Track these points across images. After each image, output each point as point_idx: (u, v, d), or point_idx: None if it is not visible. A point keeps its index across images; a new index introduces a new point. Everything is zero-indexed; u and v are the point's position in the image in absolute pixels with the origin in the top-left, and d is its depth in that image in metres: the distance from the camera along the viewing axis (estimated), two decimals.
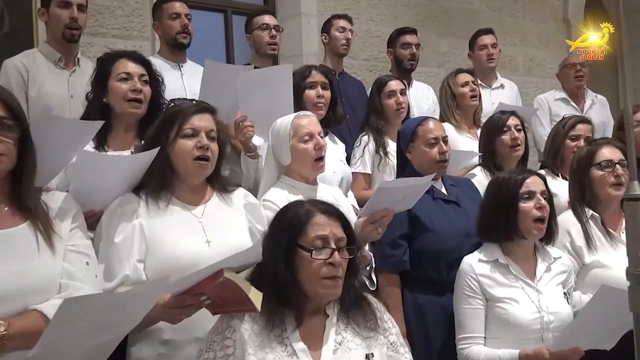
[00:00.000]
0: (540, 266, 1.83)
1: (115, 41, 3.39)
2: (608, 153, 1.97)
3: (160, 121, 1.56)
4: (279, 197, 1.84)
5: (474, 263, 1.82)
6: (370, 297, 1.46)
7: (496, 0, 5.29)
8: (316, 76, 2.33)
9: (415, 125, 2.11)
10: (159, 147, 1.48)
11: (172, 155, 1.51)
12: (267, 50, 2.76)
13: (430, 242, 1.98)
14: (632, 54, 6.55)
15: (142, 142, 1.67)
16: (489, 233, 1.85)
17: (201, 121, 1.53)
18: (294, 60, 4.04)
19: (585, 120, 2.50)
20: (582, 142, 2.38)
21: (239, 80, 2.07)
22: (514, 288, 1.78)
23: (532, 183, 1.80)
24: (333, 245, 1.33)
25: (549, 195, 1.83)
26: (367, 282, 1.97)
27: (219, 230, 1.54)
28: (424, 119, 2.13)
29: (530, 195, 1.78)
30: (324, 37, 3.17)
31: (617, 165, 1.94)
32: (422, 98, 3.25)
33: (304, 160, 1.87)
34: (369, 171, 2.59)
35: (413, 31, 3.28)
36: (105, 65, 1.87)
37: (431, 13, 4.85)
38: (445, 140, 2.09)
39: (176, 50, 2.58)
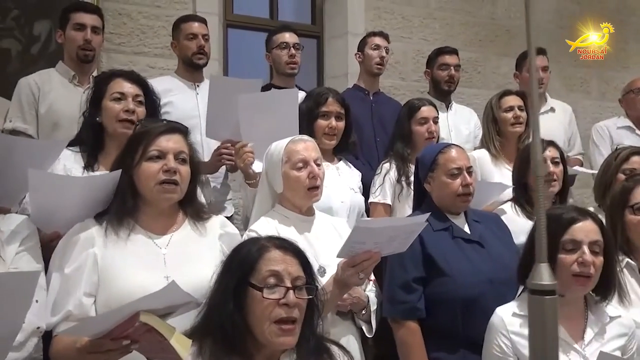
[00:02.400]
0: (591, 327, 1.50)
1: (157, 60, 3.45)
2: None
3: (126, 143, 1.47)
4: (267, 228, 1.69)
5: (507, 317, 1.51)
6: (334, 348, 1.28)
7: (566, 17, 4.88)
8: (331, 105, 2.19)
9: (436, 153, 1.87)
10: (120, 170, 1.39)
11: (137, 180, 1.41)
12: (286, 69, 2.66)
13: (445, 288, 1.73)
14: None
15: None
16: (526, 280, 1.56)
17: (169, 142, 1.42)
18: (338, 81, 3.93)
19: None
20: None
21: (240, 104, 1.97)
22: None
23: (580, 230, 1.45)
24: (288, 284, 1.19)
25: (605, 244, 1.48)
26: (364, 328, 1.77)
27: (183, 263, 1.41)
28: (446, 146, 1.90)
29: (575, 245, 1.44)
30: (358, 55, 3.01)
31: None
32: (462, 122, 3.00)
33: (296, 189, 1.72)
34: (389, 201, 2.39)
35: (453, 51, 3.04)
36: (100, 84, 1.83)
37: (492, 32, 4.56)
38: (469, 171, 1.85)
39: (192, 69, 2.54)
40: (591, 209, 2.20)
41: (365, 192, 2.40)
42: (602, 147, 2.97)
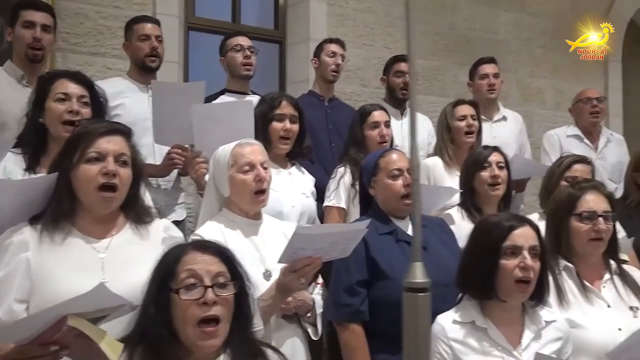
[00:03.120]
0: (528, 332, 1.53)
1: (114, 61, 3.40)
2: (592, 202, 1.70)
3: (65, 144, 1.44)
4: (213, 232, 1.69)
5: (447, 325, 1.55)
6: (269, 352, 1.28)
7: (524, 30, 5.03)
8: (285, 108, 2.20)
9: (377, 158, 1.93)
10: (57, 172, 1.37)
11: (75, 182, 1.38)
12: (242, 71, 2.67)
13: (387, 291, 1.75)
14: None
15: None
16: (467, 288, 1.59)
17: (109, 144, 1.39)
18: (300, 86, 3.95)
19: (584, 160, 2.24)
20: None
21: (194, 114, 1.97)
22: (491, 357, 1.49)
23: (520, 236, 1.50)
24: (207, 282, 1.17)
25: (541, 249, 1.53)
26: (309, 331, 1.78)
27: (122, 267, 1.38)
28: (387, 151, 1.96)
29: (516, 251, 1.49)
30: (314, 61, 3.04)
31: (600, 218, 1.67)
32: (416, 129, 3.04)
33: (242, 193, 1.72)
34: (343, 205, 2.41)
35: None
36: (44, 85, 1.79)
37: (452, 42, 4.66)
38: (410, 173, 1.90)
39: (144, 71, 2.52)
40: (536, 215, 2.29)
41: (322, 196, 2.43)
42: (552, 155, 3.06)
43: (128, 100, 2.40)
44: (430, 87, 4.53)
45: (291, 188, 2.18)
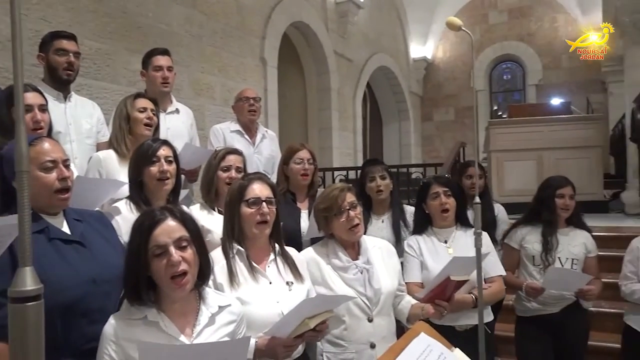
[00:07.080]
0: (202, 319, 1.55)
1: None
2: (257, 190, 1.90)
3: None
4: None
5: (118, 324, 1.46)
6: None
7: (196, 27, 5.22)
8: None
9: None
10: None
11: None
12: None
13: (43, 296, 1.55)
14: (319, 97, 7.41)
15: None
16: (129, 291, 1.50)
17: None
18: None
19: (236, 152, 2.47)
20: (233, 173, 2.37)
21: None
22: None
23: (162, 233, 1.48)
24: None
25: (193, 236, 1.53)
26: None
27: None
28: (37, 139, 1.70)
29: (162, 249, 1.47)
30: None
31: (264, 203, 1.88)
32: (83, 115, 2.79)
33: None
34: None
35: (72, 37, 2.81)
36: None
37: (122, 26, 4.46)
38: (66, 164, 1.70)
39: None
40: (198, 205, 2.40)
41: None
42: (217, 147, 3.23)
43: None
44: (99, 71, 4.25)
45: None
